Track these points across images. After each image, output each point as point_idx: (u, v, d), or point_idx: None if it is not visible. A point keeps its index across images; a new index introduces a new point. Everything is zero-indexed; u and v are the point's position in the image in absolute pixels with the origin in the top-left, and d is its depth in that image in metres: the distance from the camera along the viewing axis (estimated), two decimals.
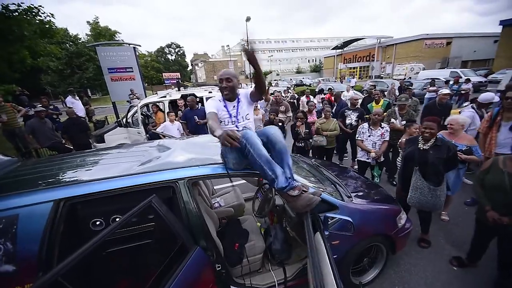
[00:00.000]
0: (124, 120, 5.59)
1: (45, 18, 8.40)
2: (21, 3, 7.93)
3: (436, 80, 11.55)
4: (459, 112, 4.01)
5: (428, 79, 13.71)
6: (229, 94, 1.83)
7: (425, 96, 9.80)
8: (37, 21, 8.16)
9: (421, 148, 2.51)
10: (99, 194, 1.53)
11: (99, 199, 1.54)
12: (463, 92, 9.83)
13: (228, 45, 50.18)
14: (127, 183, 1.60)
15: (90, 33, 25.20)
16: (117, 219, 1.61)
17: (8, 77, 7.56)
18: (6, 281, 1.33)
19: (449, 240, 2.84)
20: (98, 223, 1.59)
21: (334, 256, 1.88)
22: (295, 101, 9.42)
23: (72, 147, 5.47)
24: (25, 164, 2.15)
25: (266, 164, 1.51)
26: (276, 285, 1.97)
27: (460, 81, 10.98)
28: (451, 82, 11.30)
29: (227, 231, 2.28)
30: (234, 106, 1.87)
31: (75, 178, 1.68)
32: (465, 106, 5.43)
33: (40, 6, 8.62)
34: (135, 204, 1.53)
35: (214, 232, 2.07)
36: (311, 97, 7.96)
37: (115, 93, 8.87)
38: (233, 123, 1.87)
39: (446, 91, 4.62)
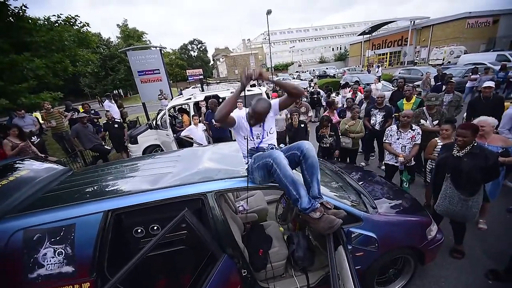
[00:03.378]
0: (154, 122, 5.97)
1: (82, 27, 9.15)
2: (60, 14, 8.72)
3: (480, 66, 10.30)
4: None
5: (470, 64, 12.33)
6: (255, 124, 1.84)
7: (466, 86, 8.83)
8: (75, 31, 8.92)
9: (455, 155, 2.35)
10: (139, 206, 1.73)
11: (139, 210, 1.74)
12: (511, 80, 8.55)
13: (249, 39, 49.78)
14: (163, 195, 1.77)
15: (120, 35, 26.79)
16: (155, 228, 1.80)
17: (53, 85, 8.47)
18: (67, 280, 1.58)
19: (486, 251, 2.65)
20: (139, 230, 1.79)
21: (358, 267, 1.91)
22: (318, 96, 8.98)
23: (110, 148, 6.05)
24: (75, 173, 2.46)
25: (291, 185, 1.57)
26: None
27: (508, 65, 9.60)
28: (496, 68, 9.88)
29: (252, 236, 2.39)
30: (260, 125, 1.88)
31: (118, 190, 1.90)
32: None
33: (77, 15, 9.41)
34: (170, 214, 1.71)
35: (240, 238, 2.19)
36: (349, 93, 6.90)
37: (145, 94, 9.48)
38: (257, 141, 1.89)
39: (489, 83, 4.11)
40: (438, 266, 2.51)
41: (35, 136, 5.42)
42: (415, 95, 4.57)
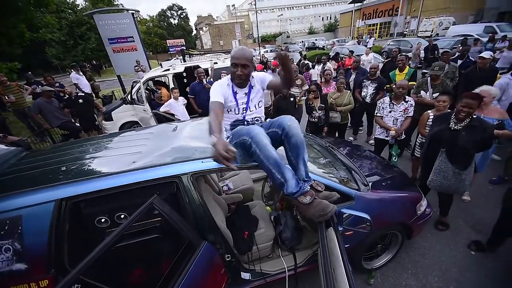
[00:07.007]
0: (129, 96, 5.43)
1: None
2: None
3: (469, 37, 10.11)
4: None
5: (458, 35, 12.13)
6: (243, 82, 1.58)
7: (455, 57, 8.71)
8: None
9: (452, 128, 2.22)
10: (100, 192, 1.47)
11: (100, 197, 1.49)
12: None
13: (234, 5, 46.02)
14: (127, 180, 1.51)
15: None
16: (122, 217, 1.57)
17: (10, 54, 7.37)
18: (20, 279, 1.37)
19: (469, 222, 2.70)
20: (103, 220, 1.55)
21: (346, 246, 1.83)
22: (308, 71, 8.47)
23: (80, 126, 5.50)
24: (29, 155, 2.11)
25: (274, 167, 1.34)
26: (286, 271, 1.97)
27: (496, 37, 9.49)
28: (485, 40, 9.76)
29: (237, 218, 2.24)
30: (245, 93, 1.61)
31: (76, 174, 1.61)
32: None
33: None
34: (138, 201, 1.48)
35: (223, 221, 2.03)
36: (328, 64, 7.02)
37: (119, 65, 8.59)
38: (242, 113, 1.64)
39: (486, 54, 3.98)
40: (422, 238, 2.53)
41: None
42: (408, 66, 4.36)
